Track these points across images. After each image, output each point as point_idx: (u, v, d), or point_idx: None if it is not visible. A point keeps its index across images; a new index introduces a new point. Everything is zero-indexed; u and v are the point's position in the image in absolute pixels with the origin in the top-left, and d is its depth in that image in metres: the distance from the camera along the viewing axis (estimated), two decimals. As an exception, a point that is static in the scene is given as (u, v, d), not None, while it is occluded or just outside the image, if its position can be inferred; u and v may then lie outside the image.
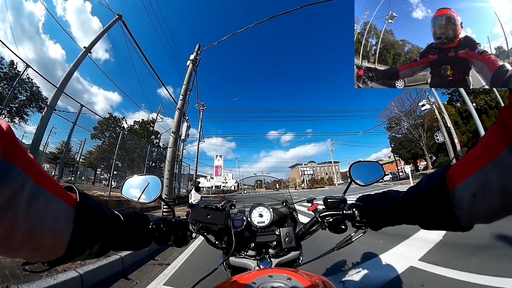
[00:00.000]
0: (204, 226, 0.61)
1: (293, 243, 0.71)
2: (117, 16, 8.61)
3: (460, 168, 0.31)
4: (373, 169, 0.72)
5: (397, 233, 3.24)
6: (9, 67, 10.03)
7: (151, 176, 0.72)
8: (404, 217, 0.43)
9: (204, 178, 50.86)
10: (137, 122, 28.86)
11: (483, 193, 0.27)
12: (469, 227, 0.32)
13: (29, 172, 0.24)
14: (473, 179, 0.28)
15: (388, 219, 0.48)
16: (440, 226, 0.35)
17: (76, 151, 11.04)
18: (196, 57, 9.18)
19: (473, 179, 0.28)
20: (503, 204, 0.26)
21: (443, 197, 0.32)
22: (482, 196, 0.27)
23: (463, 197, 0.30)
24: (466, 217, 0.31)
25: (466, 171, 0.30)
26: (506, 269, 1.83)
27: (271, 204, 0.89)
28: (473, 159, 0.29)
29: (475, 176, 0.28)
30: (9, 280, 1.76)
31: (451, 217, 0.32)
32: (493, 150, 0.26)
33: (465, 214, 0.30)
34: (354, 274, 2.13)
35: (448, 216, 0.32)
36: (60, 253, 0.29)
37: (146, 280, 2.38)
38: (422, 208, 0.36)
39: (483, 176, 0.27)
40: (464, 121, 24.32)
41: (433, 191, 0.34)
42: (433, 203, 0.34)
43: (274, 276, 0.46)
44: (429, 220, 0.36)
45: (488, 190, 0.27)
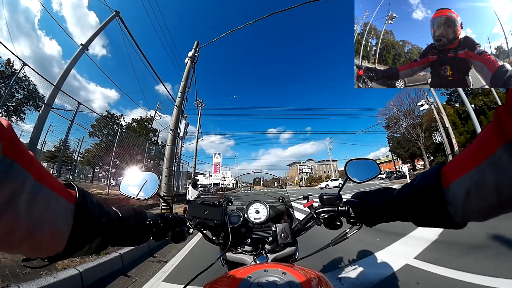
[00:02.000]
0: (201, 221, 0.62)
1: (289, 239, 0.72)
2: (115, 13, 8.51)
3: (455, 166, 0.31)
4: (369, 167, 0.72)
5: (393, 231, 3.28)
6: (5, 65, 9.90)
7: (148, 173, 0.73)
8: (398, 214, 0.43)
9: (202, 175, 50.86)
10: (135, 119, 28.71)
11: (477, 191, 0.27)
12: (462, 225, 0.33)
13: (30, 170, 0.24)
14: (467, 177, 0.28)
15: (382, 215, 0.48)
16: (433, 223, 0.35)
17: (74, 149, 10.98)
18: (194, 54, 9.12)
19: (467, 177, 0.28)
20: (497, 203, 0.26)
21: (437, 194, 0.32)
22: (476, 194, 0.27)
23: (457, 194, 0.30)
24: (459, 214, 0.31)
25: (461, 169, 0.30)
26: (501, 269, 1.85)
27: (268, 201, 0.90)
28: (468, 157, 0.29)
29: (470, 174, 0.28)
30: (9, 279, 1.76)
31: (445, 214, 0.32)
32: (488, 149, 0.26)
33: (458, 211, 0.30)
34: (351, 271, 2.16)
35: (441, 213, 0.32)
36: (60, 249, 0.30)
37: (146, 277, 2.39)
38: (416, 205, 0.36)
39: (478, 174, 0.27)
40: (462, 122, 24.45)
41: (427, 188, 0.34)
42: (427, 200, 0.34)
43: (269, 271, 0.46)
44: (423, 217, 0.36)
45: (482, 188, 0.27)
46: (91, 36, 8.18)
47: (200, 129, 20.93)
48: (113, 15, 8.53)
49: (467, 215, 0.30)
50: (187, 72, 8.83)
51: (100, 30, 8.57)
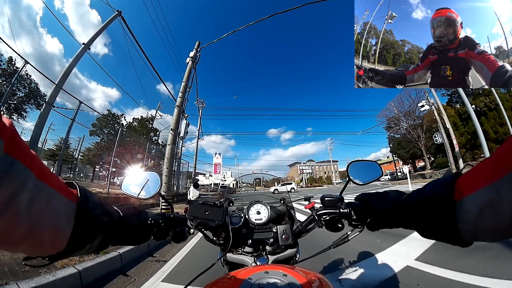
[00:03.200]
0: (202, 222, 0.62)
1: (290, 241, 0.72)
2: (117, 12, 8.54)
3: (471, 178, 0.29)
4: (371, 168, 0.72)
5: (394, 233, 3.26)
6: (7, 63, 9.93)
7: (150, 172, 0.73)
8: (403, 221, 0.42)
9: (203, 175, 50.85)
10: (136, 119, 28.77)
11: (492, 209, 0.25)
12: (469, 243, 0.30)
13: (31, 168, 0.24)
14: (483, 192, 0.26)
15: (386, 220, 0.47)
16: (439, 237, 0.33)
17: (75, 148, 11.00)
18: (195, 54, 9.13)
19: (483, 192, 0.26)
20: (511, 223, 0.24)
21: (448, 206, 0.30)
22: (490, 212, 0.25)
23: (469, 210, 0.27)
24: (469, 232, 0.28)
25: (477, 182, 0.27)
26: (501, 270, 1.85)
27: (269, 202, 0.89)
28: (486, 171, 0.27)
29: (486, 189, 0.26)
30: (8, 277, 1.76)
31: (454, 229, 0.29)
32: (508, 164, 0.24)
33: (469, 229, 0.28)
34: (351, 272, 2.15)
35: (450, 228, 0.30)
36: (61, 248, 0.30)
37: (145, 277, 2.38)
38: (424, 214, 0.34)
39: (495, 190, 0.25)
40: (463, 123, 24.39)
41: (438, 198, 0.32)
42: (436, 211, 0.32)
43: (270, 272, 0.46)
44: (429, 228, 0.34)
45: (498, 207, 0.24)
46: (93, 36, 8.21)
47: (200, 129, 20.95)
48: (115, 15, 8.56)
49: (477, 234, 0.28)
50: (188, 72, 8.84)
51: (102, 29, 8.60)
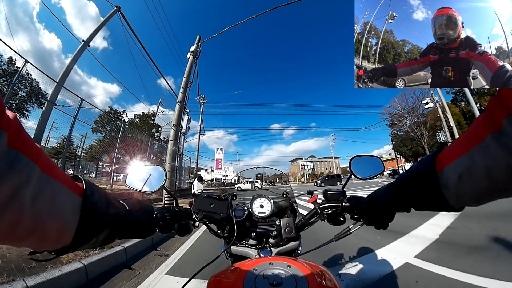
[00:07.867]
0: (207, 215, 0.63)
1: (292, 233, 0.73)
2: (116, 8, 8.45)
3: (449, 152, 0.34)
4: (373, 164, 0.72)
5: (394, 230, 3.28)
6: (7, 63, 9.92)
7: (154, 166, 0.72)
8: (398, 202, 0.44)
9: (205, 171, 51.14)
10: (137, 115, 28.85)
11: (469, 175, 0.29)
12: (458, 208, 0.35)
13: (36, 161, 0.24)
14: (459, 161, 0.31)
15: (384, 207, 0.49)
16: (430, 207, 0.37)
17: (78, 145, 11.10)
18: (196, 49, 9.05)
19: (459, 161, 0.31)
20: (488, 187, 0.28)
21: (431, 178, 0.34)
22: (468, 177, 0.29)
23: (450, 178, 0.32)
24: (453, 197, 0.33)
25: (454, 154, 0.32)
26: (500, 271, 1.85)
27: (272, 196, 0.91)
28: (461, 144, 0.31)
29: (461, 159, 0.30)
30: (14, 273, 1.78)
31: (440, 197, 0.34)
32: (478, 136, 0.28)
33: (452, 194, 0.32)
34: (351, 267, 2.18)
35: (436, 196, 0.34)
36: (67, 242, 0.30)
37: (149, 270, 2.44)
38: (413, 188, 0.39)
39: (469, 159, 0.29)
40: (467, 122, 24.08)
41: (423, 172, 0.36)
42: (422, 183, 0.36)
43: (274, 264, 0.48)
44: (420, 200, 0.38)
45: (473, 172, 0.28)
46: (92, 32, 8.15)
47: (202, 124, 20.95)
48: (114, 11, 8.48)
49: (461, 198, 0.32)
50: (189, 67, 8.79)
51: (101, 26, 8.53)
